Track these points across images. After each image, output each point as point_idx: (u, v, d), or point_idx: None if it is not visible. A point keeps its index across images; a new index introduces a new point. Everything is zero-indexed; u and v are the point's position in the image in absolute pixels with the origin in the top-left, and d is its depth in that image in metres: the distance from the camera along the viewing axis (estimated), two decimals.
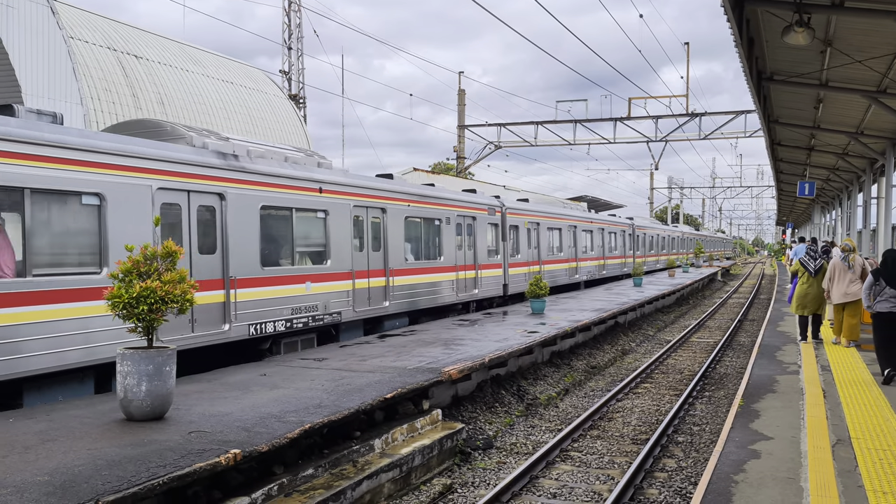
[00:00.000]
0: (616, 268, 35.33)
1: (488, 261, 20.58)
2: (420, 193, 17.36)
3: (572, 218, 28.61)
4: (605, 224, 33.60)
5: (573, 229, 28.46)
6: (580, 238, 29.30)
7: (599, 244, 32.28)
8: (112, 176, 9.52)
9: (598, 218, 33.17)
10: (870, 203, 24.58)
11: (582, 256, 29.51)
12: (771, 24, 11.73)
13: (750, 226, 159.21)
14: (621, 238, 36.45)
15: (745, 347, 19.63)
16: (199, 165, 10.91)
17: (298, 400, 8.71)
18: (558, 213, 27.08)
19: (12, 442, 6.88)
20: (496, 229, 21.45)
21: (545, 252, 25.05)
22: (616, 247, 35.39)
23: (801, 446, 7.55)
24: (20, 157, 8.47)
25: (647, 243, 43.68)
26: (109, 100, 20.41)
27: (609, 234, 34.06)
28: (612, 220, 35.34)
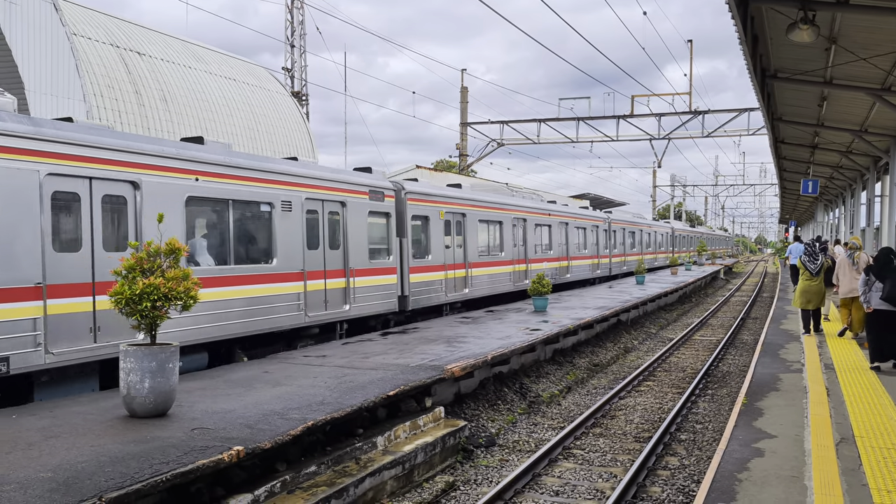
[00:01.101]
0: (585, 270, 30.17)
1: (371, 264, 15.12)
2: (228, 163, 11.83)
3: (520, 209, 23.44)
4: (571, 217, 28.60)
5: (521, 223, 23.39)
6: (534, 234, 24.33)
7: (562, 242, 27.27)
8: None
9: (561, 210, 28.05)
10: (873, 201, 24.53)
11: (537, 257, 24.56)
12: (775, 21, 11.69)
13: (753, 224, 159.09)
14: (594, 234, 31.57)
15: (747, 345, 19.60)
16: None
17: (301, 397, 8.71)
18: (497, 203, 21.90)
19: (16, 438, 6.89)
20: (387, 221, 16.11)
21: (475, 252, 20.03)
22: (586, 245, 30.43)
23: (805, 444, 7.53)
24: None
25: (630, 241, 38.87)
26: (112, 97, 20.41)
27: (577, 229, 29.20)
28: (580, 213, 30.36)
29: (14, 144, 8.68)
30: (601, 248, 32.83)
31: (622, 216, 38.99)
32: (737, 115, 36.55)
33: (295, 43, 32.55)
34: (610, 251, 34.54)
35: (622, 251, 37.08)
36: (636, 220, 41.53)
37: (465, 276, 19.41)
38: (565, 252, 27.61)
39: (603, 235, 33.27)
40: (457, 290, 19.01)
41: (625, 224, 37.87)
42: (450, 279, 18.55)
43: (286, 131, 28.36)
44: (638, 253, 40.45)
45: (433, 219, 17.78)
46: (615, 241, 35.53)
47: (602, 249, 33.04)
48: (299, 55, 32.73)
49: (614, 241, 35.38)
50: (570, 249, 28.00)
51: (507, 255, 22.07)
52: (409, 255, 16.60)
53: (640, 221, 42.27)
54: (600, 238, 32.75)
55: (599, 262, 32.60)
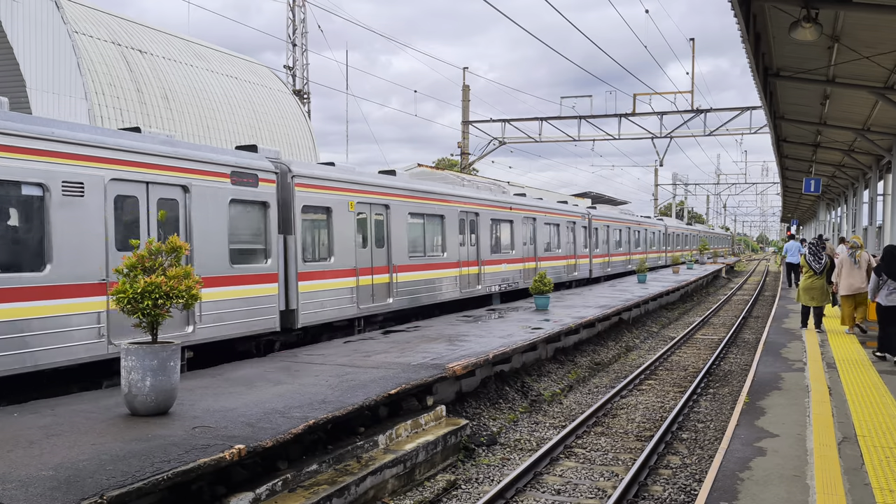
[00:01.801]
0: (558, 272, 26.42)
1: (233, 270, 11.68)
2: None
3: (470, 201, 19.69)
4: (540, 212, 24.91)
5: (471, 218, 19.79)
6: (490, 231, 20.85)
7: (528, 240, 23.72)
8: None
9: (528, 203, 24.26)
10: (876, 200, 24.50)
11: (494, 258, 20.94)
12: (778, 19, 11.66)
13: (755, 222, 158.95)
14: (569, 232, 28.02)
15: (749, 344, 19.58)
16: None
17: (303, 396, 8.70)
18: (437, 193, 18.11)
19: (17, 437, 6.88)
20: (263, 213, 12.34)
21: (403, 252, 16.34)
22: (560, 244, 26.88)
23: (807, 444, 7.52)
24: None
25: (615, 239, 35.27)
26: (114, 94, 20.41)
27: (548, 226, 25.63)
28: (553, 208, 26.75)
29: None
30: (579, 248, 29.13)
31: (607, 212, 35.58)
32: (739, 114, 36.51)
33: (296, 41, 32.53)
34: (590, 251, 30.81)
35: (605, 251, 33.21)
36: (622, 217, 37.64)
37: (390, 283, 15.76)
38: (532, 252, 24.02)
39: (582, 233, 29.55)
40: (377, 300, 15.34)
41: (608, 220, 33.94)
42: (365, 287, 14.95)
43: (287, 130, 28.36)
44: (625, 253, 36.90)
45: (339, 211, 14.17)
46: (597, 239, 31.74)
47: (580, 249, 29.32)
48: (301, 53, 32.71)
49: (596, 240, 31.59)
50: (538, 249, 24.43)
51: (451, 255, 18.46)
52: (297, 258, 12.97)
53: (626, 218, 38.29)
54: (578, 236, 28.99)
55: (577, 262, 28.82)
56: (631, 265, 37.43)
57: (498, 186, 24.17)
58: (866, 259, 14.80)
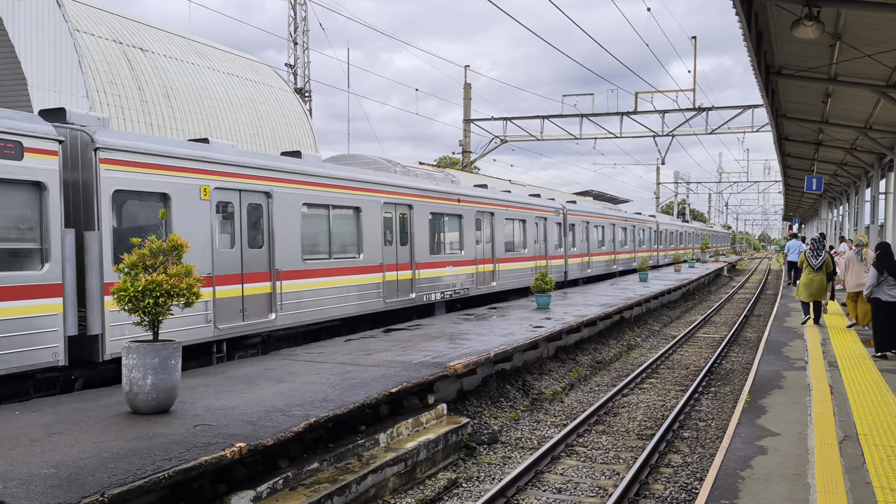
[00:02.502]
0: (523, 275, 22.99)
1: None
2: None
3: (399, 190, 16.37)
4: (500, 205, 21.63)
5: (402, 211, 16.57)
6: (430, 228, 17.69)
7: (481, 239, 20.30)
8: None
9: (485, 196, 20.84)
10: (878, 198, 24.46)
11: (436, 260, 17.92)
12: (780, 17, 11.65)
13: (756, 221, 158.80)
14: (538, 229, 24.68)
15: (751, 343, 19.57)
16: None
17: (304, 394, 8.71)
18: (347, 180, 14.60)
19: (18, 434, 6.89)
20: (38, 199, 9.00)
21: (295, 254, 13.06)
22: (526, 243, 23.57)
23: (809, 442, 7.52)
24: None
25: (597, 238, 31.82)
26: (115, 93, 20.42)
27: (511, 222, 22.55)
28: (519, 202, 23.28)
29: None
30: (551, 247, 25.88)
31: (587, 207, 32.05)
32: (741, 112, 36.48)
33: (298, 40, 32.53)
34: (566, 250, 27.51)
35: (584, 250, 29.86)
36: (605, 212, 34.10)
37: (272, 294, 12.37)
38: (489, 252, 20.78)
39: (555, 231, 26.41)
40: (248, 318, 11.82)
41: (588, 216, 30.51)
42: (231, 301, 11.48)
43: (289, 128, 28.37)
44: (609, 252, 33.57)
45: (182, 200, 10.81)
46: (574, 237, 28.46)
47: (553, 248, 26.12)
48: (302, 52, 32.71)
49: (573, 239, 28.34)
50: (497, 249, 21.21)
51: (369, 257, 15.11)
52: (103, 263, 9.61)
53: (610, 214, 34.86)
54: (550, 234, 25.74)
55: (549, 264, 25.40)
56: (616, 265, 34.55)
57: (445, 175, 20.05)
58: (872, 257, 14.74)
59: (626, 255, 36.81)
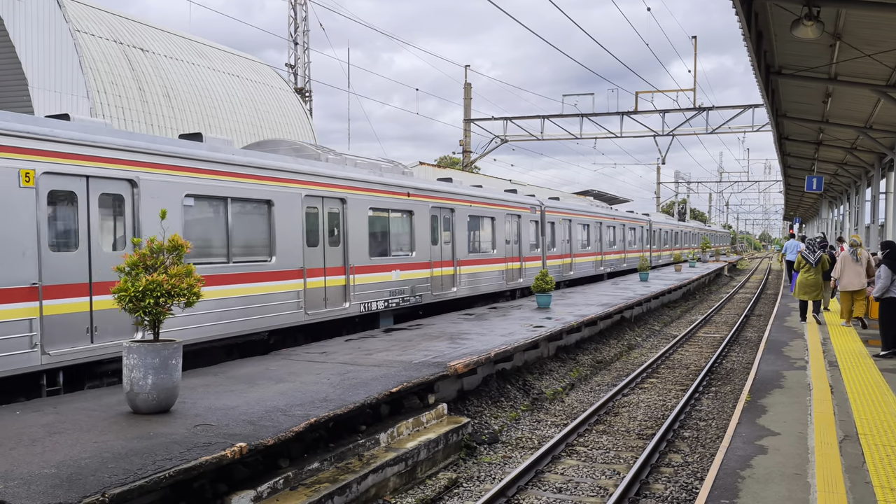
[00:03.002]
0: (490, 280, 20.53)
1: None
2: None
3: (324, 181, 13.83)
4: (460, 200, 19.00)
5: (335, 207, 14.15)
6: (363, 224, 14.92)
7: (438, 239, 17.92)
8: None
9: (434, 189, 17.97)
10: (878, 198, 24.48)
11: (375, 263, 15.23)
12: (780, 17, 11.66)
13: (757, 221, 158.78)
14: (510, 228, 22.01)
15: (751, 342, 19.57)
16: None
17: (304, 394, 8.71)
18: (252, 168, 12.18)
19: (19, 434, 6.90)
20: None
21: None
22: (494, 244, 20.93)
23: (809, 442, 7.52)
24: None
25: (580, 238, 29.09)
26: (115, 93, 20.43)
27: (477, 220, 20.00)
28: (486, 197, 20.55)
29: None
30: (526, 248, 23.23)
31: (570, 204, 29.25)
32: (741, 112, 36.50)
33: (298, 40, 32.54)
34: (544, 251, 24.87)
35: (566, 251, 27.25)
36: (590, 210, 31.32)
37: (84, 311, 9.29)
38: (450, 254, 18.47)
39: (531, 230, 23.77)
40: (71, 343, 9.06)
41: (570, 214, 27.89)
42: (56, 319, 8.91)
43: (289, 128, 28.38)
44: (595, 253, 30.96)
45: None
46: (554, 237, 25.79)
47: (528, 250, 23.43)
48: (302, 52, 32.72)
49: (552, 238, 25.66)
50: (458, 250, 18.78)
51: (284, 261, 12.62)
52: None
53: (597, 211, 31.98)
54: (525, 233, 23.20)
55: (523, 267, 22.75)
56: (603, 267, 32.05)
57: (394, 166, 17.25)
58: (866, 257, 15.49)
59: (615, 256, 34.15)
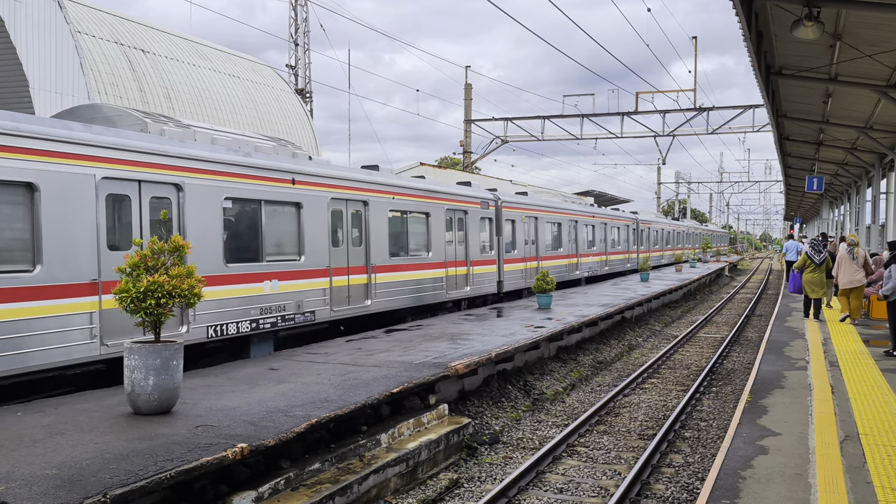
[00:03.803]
0: (419, 288, 16.97)
1: None
2: None
3: (143, 159, 10.21)
4: (378, 192, 15.38)
5: (164, 193, 10.61)
6: (213, 221, 11.38)
7: (343, 240, 14.42)
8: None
9: (342, 177, 14.34)
10: (878, 198, 24.48)
11: (233, 272, 11.68)
12: (780, 18, 11.67)
13: (758, 221, 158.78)
14: (447, 226, 18.39)
15: (752, 343, 19.57)
16: None
17: (305, 394, 8.72)
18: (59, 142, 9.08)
19: (20, 435, 6.91)
20: None
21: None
22: (429, 245, 17.55)
23: (809, 442, 7.52)
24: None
25: (549, 238, 25.35)
26: (116, 94, 20.44)
27: (399, 217, 16.58)
28: (403, 186, 16.52)
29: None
30: (474, 250, 19.60)
31: (534, 200, 25.09)
32: (741, 112, 36.50)
33: (298, 41, 32.56)
34: (500, 254, 21.19)
35: (530, 253, 23.41)
36: (562, 207, 27.16)
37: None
38: (362, 258, 14.88)
39: (482, 229, 20.20)
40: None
41: (534, 210, 24.00)
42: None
43: (290, 128, 28.39)
44: (568, 255, 27.21)
45: None
46: (514, 237, 22.29)
47: (478, 252, 19.81)
48: (303, 53, 32.74)
49: (512, 239, 22.17)
50: (374, 253, 15.16)
51: (59, 272, 9.13)
52: None
53: (570, 208, 28.07)
54: (473, 233, 19.56)
55: (471, 273, 19.39)
56: (580, 271, 28.61)
57: (279, 145, 13.53)
58: (863, 255, 15.85)
59: (595, 259, 30.62)
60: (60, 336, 9.10)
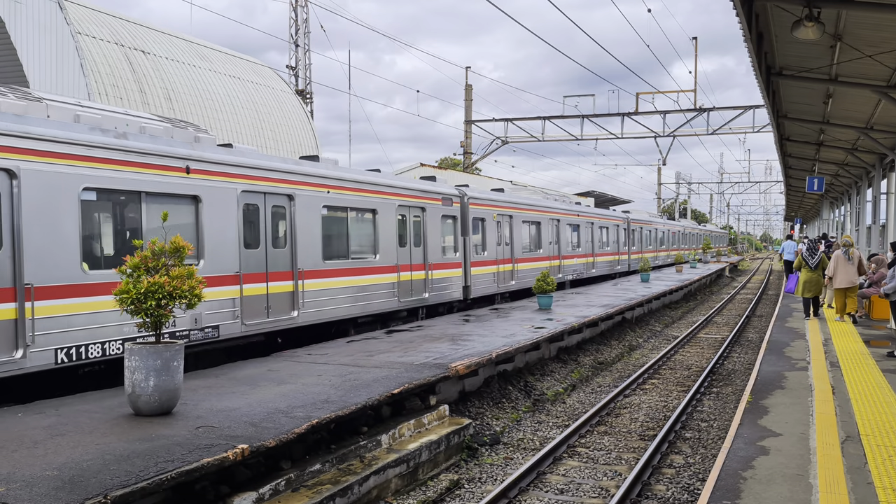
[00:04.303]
0: (364, 296, 14.79)
1: None
2: None
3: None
4: (299, 182, 13.10)
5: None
6: (59, 217, 9.07)
7: (259, 240, 12.22)
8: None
9: (230, 162, 11.67)
10: (879, 198, 24.47)
11: (84, 280, 9.39)
12: (780, 18, 11.66)
13: (758, 221, 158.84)
14: (400, 225, 16.30)
15: (753, 343, 19.57)
16: None
17: (306, 395, 8.72)
18: None
19: (21, 437, 6.91)
20: None
21: None
22: (375, 247, 15.35)
23: (810, 443, 7.52)
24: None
25: (526, 239, 23.20)
26: (117, 95, 20.45)
27: (333, 212, 14.16)
28: (330, 177, 13.97)
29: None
30: (433, 252, 17.33)
31: (508, 197, 22.38)
32: (742, 113, 36.49)
33: (299, 41, 32.56)
34: (466, 256, 18.81)
35: (504, 255, 21.14)
36: (540, 205, 24.64)
37: None
38: (287, 262, 12.77)
39: (444, 228, 18.05)
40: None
41: (508, 208, 21.61)
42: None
43: (290, 129, 28.40)
44: (549, 257, 24.76)
45: None
46: (484, 238, 19.98)
47: (441, 253, 17.72)
48: (303, 54, 32.75)
49: (482, 239, 19.95)
50: (302, 255, 13.08)
51: None
52: None
53: (552, 206, 25.63)
54: (433, 233, 17.45)
55: (430, 276, 17.17)
56: (562, 274, 26.34)
57: (172, 126, 11.57)
58: (857, 256, 16.13)
59: (580, 261, 28.35)
60: None
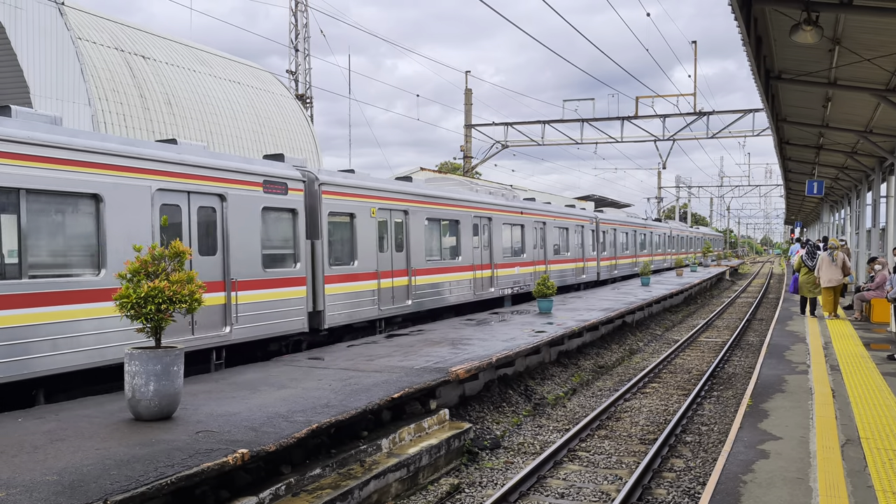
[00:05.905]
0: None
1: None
2: None
3: None
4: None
5: None
6: None
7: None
8: None
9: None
10: (879, 202, 24.47)
11: None
12: (779, 22, 11.67)
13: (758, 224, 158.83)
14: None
15: (753, 347, 19.56)
16: None
17: (306, 400, 8.72)
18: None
19: (21, 441, 6.91)
20: None
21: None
22: (111, 257, 9.50)
23: (810, 446, 7.51)
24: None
25: (475, 242, 19.80)
26: (117, 100, 20.48)
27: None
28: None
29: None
30: (242, 265, 11.68)
31: (411, 186, 17.42)
32: (741, 116, 36.50)
33: (299, 46, 32.61)
34: (313, 269, 13.43)
35: (389, 266, 15.74)
36: (457, 199, 19.12)
37: None
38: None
39: (273, 228, 12.62)
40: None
41: (396, 200, 16.26)
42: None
43: (290, 134, 28.42)
44: (473, 266, 19.66)
45: None
46: (353, 243, 14.62)
47: (257, 266, 11.96)
48: (303, 58, 32.79)
49: (351, 246, 14.60)
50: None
51: None
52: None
53: (474, 201, 19.99)
54: (246, 235, 11.86)
55: (231, 304, 11.30)
56: (494, 288, 21.00)
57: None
58: (842, 258, 17.43)
59: (522, 270, 22.95)
60: None
